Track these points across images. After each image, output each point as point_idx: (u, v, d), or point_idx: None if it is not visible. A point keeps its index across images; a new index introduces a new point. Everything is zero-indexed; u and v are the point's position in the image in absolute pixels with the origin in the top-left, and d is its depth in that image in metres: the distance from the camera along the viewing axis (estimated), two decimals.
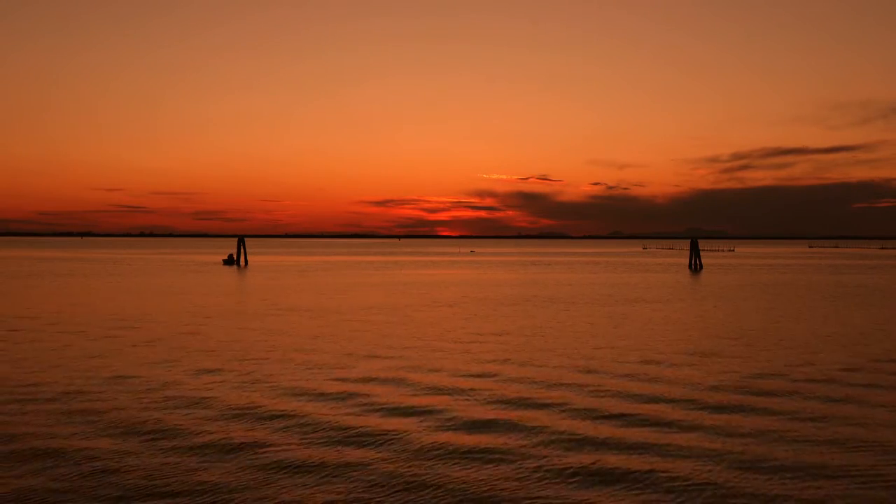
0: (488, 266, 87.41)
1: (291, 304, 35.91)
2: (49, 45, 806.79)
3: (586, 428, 13.04)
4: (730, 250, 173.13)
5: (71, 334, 24.67)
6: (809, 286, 52.01)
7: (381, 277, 62.52)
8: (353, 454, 11.48)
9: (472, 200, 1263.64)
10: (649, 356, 20.73)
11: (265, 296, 41.19)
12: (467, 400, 15.21)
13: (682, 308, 35.22)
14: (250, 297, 41.05)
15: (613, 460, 11.24)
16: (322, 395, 15.52)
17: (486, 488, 10.07)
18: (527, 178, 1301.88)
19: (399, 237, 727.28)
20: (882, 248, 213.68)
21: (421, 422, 13.44)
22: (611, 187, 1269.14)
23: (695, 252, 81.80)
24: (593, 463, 11.10)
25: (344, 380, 17.17)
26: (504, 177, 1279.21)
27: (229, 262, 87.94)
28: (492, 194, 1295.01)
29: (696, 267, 79.82)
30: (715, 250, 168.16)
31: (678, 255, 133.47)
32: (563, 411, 14.23)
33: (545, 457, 11.38)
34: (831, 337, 25.10)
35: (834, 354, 21.23)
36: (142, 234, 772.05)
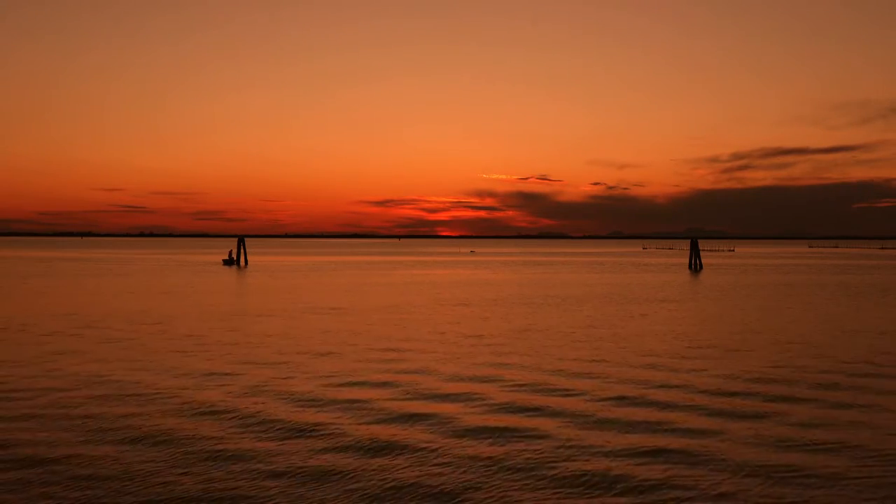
0: (492, 266, 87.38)
1: (305, 305, 35.85)
2: (49, 45, 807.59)
3: (621, 424, 13.31)
4: (730, 250, 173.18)
5: (95, 333, 24.86)
6: (816, 286, 52.10)
7: (387, 277, 62.56)
8: (384, 448, 11.70)
9: (472, 200, 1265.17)
10: (680, 354, 21.09)
11: (277, 297, 41.10)
12: (502, 396, 15.54)
13: (696, 308, 35.32)
14: (262, 298, 40.91)
15: (648, 455, 11.42)
16: (351, 393, 15.76)
17: (519, 481, 10.26)
18: (527, 178, 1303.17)
19: (399, 237, 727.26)
20: (882, 248, 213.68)
21: (458, 415, 13.70)
22: (611, 187, 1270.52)
23: (695, 252, 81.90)
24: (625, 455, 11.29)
25: (378, 377, 17.42)
26: (504, 177, 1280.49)
27: (229, 262, 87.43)
28: (492, 194, 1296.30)
29: (696, 267, 79.92)
30: (715, 250, 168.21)
31: (678, 255, 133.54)
32: (595, 407, 14.46)
33: (575, 447, 11.59)
34: (847, 335, 25.38)
35: (851, 351, 21.45)
36: (142, 235, 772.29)
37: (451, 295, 42.92)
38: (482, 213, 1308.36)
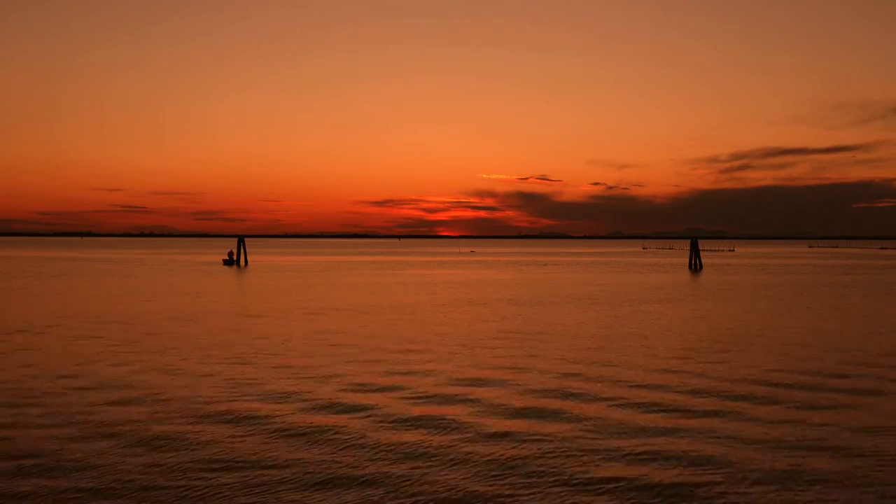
0: (497, 266, 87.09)
1: (321, 305, 35.93)
2: (50, 45, 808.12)
3: (649, 420, 13.64)
4: (730, 250, 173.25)
5: (127, 333, 25.19)
6: (821, 286, 52.29)
7: (396, 277, 62.72)
8: (419, 438, 12.06)
9: (472, 200, 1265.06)
10: (705, 352, 21.49)
11: (289, 297, 40.88)
12: (533, 391, 16.06)
13: (709, 308, 35.54)
14: (275, 298, 40.63)
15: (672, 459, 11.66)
16: (386, 388, 16.32)
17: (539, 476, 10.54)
18: (526, 178, 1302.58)
19: (399, 237, 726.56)
20: (882, 249, 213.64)
21: (488, 409, 14.06)
22: (610, 187, 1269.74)
23: (695, 252, 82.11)
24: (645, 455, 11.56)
25: (410, 373, 17.85)
26: (504, 177, 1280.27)
27: (229, 262, 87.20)
28: (492, 194, 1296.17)
29: (696, 267, 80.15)
30: (715, 250, 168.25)
31: (678, 255, 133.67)
32: (623, 404, 14.84)
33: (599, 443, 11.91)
34: (862, 333, 25.99)
35: (867, 348, 22.02)
36: (142, 234, 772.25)
37: (466, 295, 42.96)
38: (482, 213, 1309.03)
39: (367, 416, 13.81)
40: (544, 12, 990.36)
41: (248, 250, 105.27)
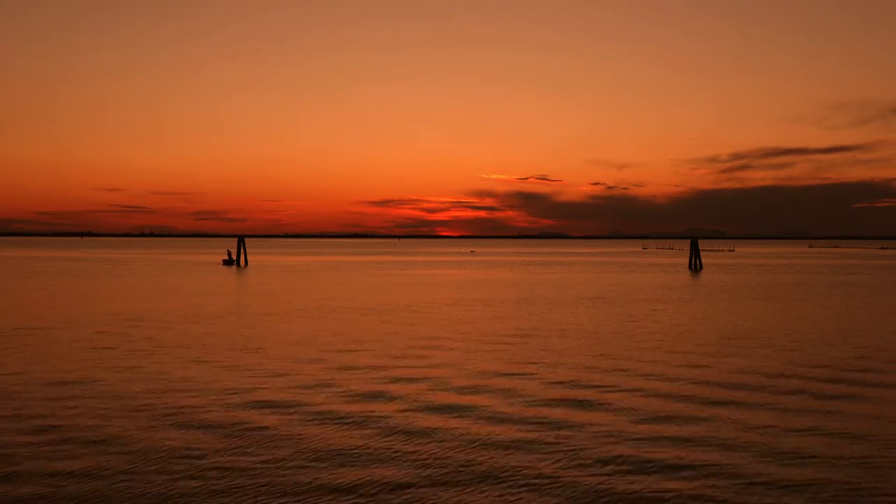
0: (501, 267, 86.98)
1: (332, 304, 36.04)
2: (51, 46, 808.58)
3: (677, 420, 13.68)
4: (730, 250, 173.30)
5: (152, 330, 25.25)
6: (824, 285, 52.34)
7: (402, 277, 62.74)
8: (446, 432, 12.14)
9: (472, 200, 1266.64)
10: (723, 352, 21.54)
11: (299, 297, 40.86)
12: (560, 389, 16.15)
13: (720, 308, 35.65)
14: (285, 298, 40.46)
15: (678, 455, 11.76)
16: (418, 384, 16.43)
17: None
18: (526, 178, 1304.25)
19: (399, 237, 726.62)
20: (882, 248, 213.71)
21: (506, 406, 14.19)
22: (610, 187, 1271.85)
23: (695, 252, 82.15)
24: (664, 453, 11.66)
25: (437, 371, 18.00)
26: (504, 177, 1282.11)
27: (228, 262, 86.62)
28: (491, 194, 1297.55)
29: (696, 267, 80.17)
30: (715, 250, 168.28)
31: (678, 255, 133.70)
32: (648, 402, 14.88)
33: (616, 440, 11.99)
34: (867, 332, 26.14)
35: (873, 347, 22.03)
36: (142, 234, 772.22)
37: (477, 295, 43.00)
38: (482, 214, 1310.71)
39: (399, 409, 14.05)
40: (544, 13, 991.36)
41: (248, 250, 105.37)
